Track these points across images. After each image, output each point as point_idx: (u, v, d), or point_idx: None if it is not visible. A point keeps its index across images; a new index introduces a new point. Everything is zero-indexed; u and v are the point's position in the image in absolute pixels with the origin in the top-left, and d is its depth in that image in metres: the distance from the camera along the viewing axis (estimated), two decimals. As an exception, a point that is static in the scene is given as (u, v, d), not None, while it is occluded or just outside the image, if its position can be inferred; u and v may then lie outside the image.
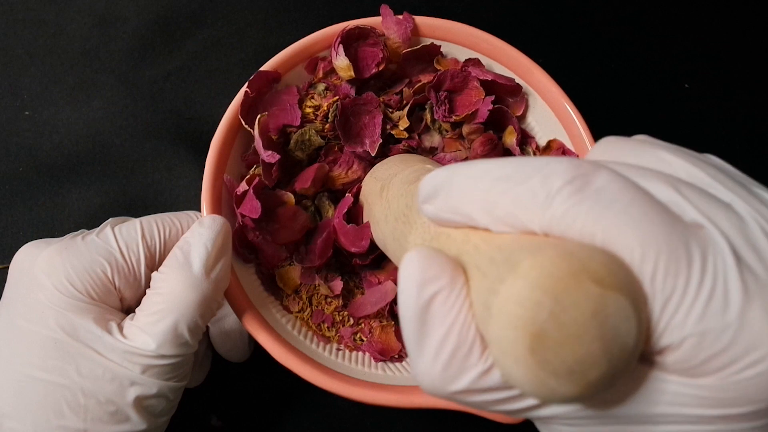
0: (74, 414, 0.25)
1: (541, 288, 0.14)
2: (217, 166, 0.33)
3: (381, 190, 0.31)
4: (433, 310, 0.16)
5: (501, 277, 0.15)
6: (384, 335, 0.34)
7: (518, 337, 0.14)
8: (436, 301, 0.16)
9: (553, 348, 0.14)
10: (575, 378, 0.14)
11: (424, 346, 0.16)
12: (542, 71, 0.35)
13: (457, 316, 0.16)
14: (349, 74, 0.34)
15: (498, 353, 0.15)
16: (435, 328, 0.16)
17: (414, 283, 0.17)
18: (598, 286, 0.14)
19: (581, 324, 0.14)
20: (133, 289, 0.29)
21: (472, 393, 0.16)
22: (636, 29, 0.51)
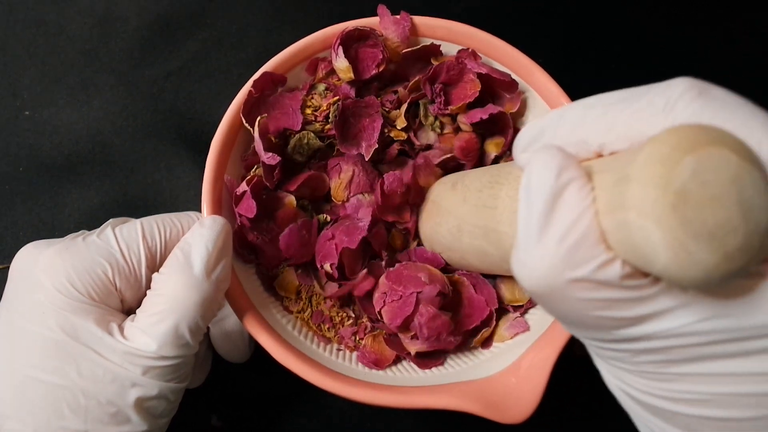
0: (75, 415, 0.25)
1: (682, 149, 0.14)
2: (217, 167, 0.33)
3: (453, 185, 0.32)
4: (567, 196, 0.17)
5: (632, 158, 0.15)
6: (376, 345, 0.34)
7: (660, 195, 0.14)
8: (571, 187, 0.17)
9: (694, 207, 0.14)
10: (715, 243, 0.14)
11: (549, 228, 0.17)
12: (542, 71, 0.35)
13: (590, 204, 0.17)
14: (349, 76, 0.34)
15: (638, 217, 0.15)
16: (567, 211, 0.17)
17: (553, 167, 0.17)
18: (737, 155, 0.14)
19: (722, 186, 0.14)
20: (134, 290, 0.29)
21: (589, 284, 0.16)
22: (636, 29, 0.51)
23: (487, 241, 0.28)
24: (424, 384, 0.32)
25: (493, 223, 0.27)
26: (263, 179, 0.33)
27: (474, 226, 0.29)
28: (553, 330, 0.31)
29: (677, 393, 0.18)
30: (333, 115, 0.34)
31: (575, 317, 0.18)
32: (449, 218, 0.31)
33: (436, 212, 0.33)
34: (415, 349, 0.32)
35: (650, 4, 0.51)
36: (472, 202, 0.29)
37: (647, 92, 0.17)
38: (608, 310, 0.17)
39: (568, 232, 0.16)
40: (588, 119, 0.18)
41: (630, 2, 0.51)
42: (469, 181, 0.30)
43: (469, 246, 0.30)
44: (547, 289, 0.17)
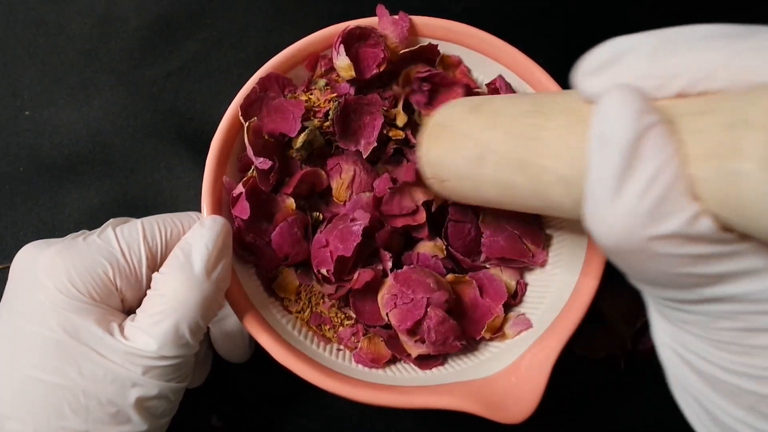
0: (75, 415, 0.25)
1: None
2: (217, 167, 0.33)
3: (473, 109, 0.29)
4: (649, 142, 0.15)
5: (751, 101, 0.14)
6: (372, 346, 0.34)
7: None
8: (653, 132, 0.15)
9: None
10: None
11: (629, 180, 0.15)
12: (542, 71, 0.35)
13: (675, 152, 0.15)
14: (350, 74, 0.34)
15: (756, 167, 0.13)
16: (649, 159, 0.15)
17: (632, 110, 0.15)
18: None
19: None
20: (135, 289, 0.29)
21: (675, 239, 0.15)
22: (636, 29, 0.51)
23: (522, 174, 0.25)
24: (424, 384, 0.32)
25: (534, 156, 0.24)
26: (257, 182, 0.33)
27: (503, 157, 0.26)
28: (554, 329, 0.31)
29: (752, 368, 0.16)
30: (334, 111, 0.34)
31: (656, 275, 0.16)
32: (468, 144, 0.28)
33: (446, 137, 0.30)
34: (417, 353, 0.32)
35: (650, 4, 0.51)
36: (505, 128, 0.26)
37: (756, 32, 0.15)
38: (694, 266, 0.15)
39: (650, 183, 0.15)
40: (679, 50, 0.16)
41: (630, 2, 0.51)
42: (499, 106, 0.27)
43: (491, 177, 0.27)
44: (628, 245, 0.16)
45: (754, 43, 0.15)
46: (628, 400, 0.41)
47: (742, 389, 0.16)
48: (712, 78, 0.16)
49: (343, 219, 0.34)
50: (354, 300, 0.34)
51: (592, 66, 0.18)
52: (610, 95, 0.16)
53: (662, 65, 0.16)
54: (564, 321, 0.31)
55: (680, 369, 0.18)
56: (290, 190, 0.34)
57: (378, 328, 0.34)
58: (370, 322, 0.34)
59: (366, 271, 0.33)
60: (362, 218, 0.33)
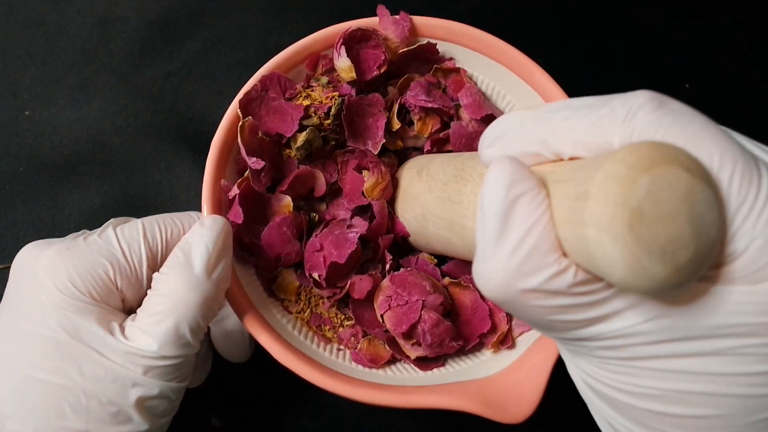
0: (76, 415, 0.25)
1: (639, 168, 0.15)
2: (217, 167, 0.33)
3: (418, 172, 0.33)
4: (518, 208, 0.17)
5: (591, 172, 0.16)
6: (372, 348, 0.34)
7: (617, 213, 0.15)
8: (523, 200, 0.17)
9: (649, 225, 0.15)
10: (666, 258, 0.15)
11: (503, 240, 0.17)
12: (542, 71, 0.35)
13: (541, 216, 0.17)
14: (351, 75, 0.34)
15: (596, 232, 0.15)
16: (518, 223, 0.17)
17: (504, 181, 0.18)
18: (689, 173, 0.15)
19: (675, 204, 0.15)
20: (135, 289, 0.29)
21: (542, 294, 0.17)
22: (636, 29, 0.51)
23: (452, 233, 0.29)
24: (424, 384, 0.32)
25: (458, 218, 0.28)
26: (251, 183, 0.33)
27: (439, 218, 0.30)
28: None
29: (632, 386, 0.18)
30: (336, 108, 0.34)
31: (533, 321, 0.19)
32: (415, 205, 0.32)
33: (403, 197, 0.34)
34: (416, 355, 0.32)
35: (650, 4, 0.51)
36: (437, 193, 0.30)
37: (610, 101, 0.18)
38: (561, 314, 0.17)
39: (519, 244, 0.17)
40: (551, 122, 0.19)
41: (630, 2, 0.51)
42: (435, 171, 0.31)
43: (434, 234, 0.31)
44: (504, 298, 0.18)
45: (601, 113, 0.18)
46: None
47: (630, 405, 0.19)
48: (575, 145, 0.18)
49: (340, 225, 0.34)
50: (354, 307, 0.34)
51: (486, 141, 0.21)
52: (490, 167, 0.18)
53: (538, 136, 0.19)
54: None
55: (587, 393, 0.21)
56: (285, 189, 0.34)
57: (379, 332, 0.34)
58: (370, 328, 0.34)
59: (364, 278, 0.33)
60: (360, 226, 0.33)
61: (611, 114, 0.17)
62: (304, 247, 0.34)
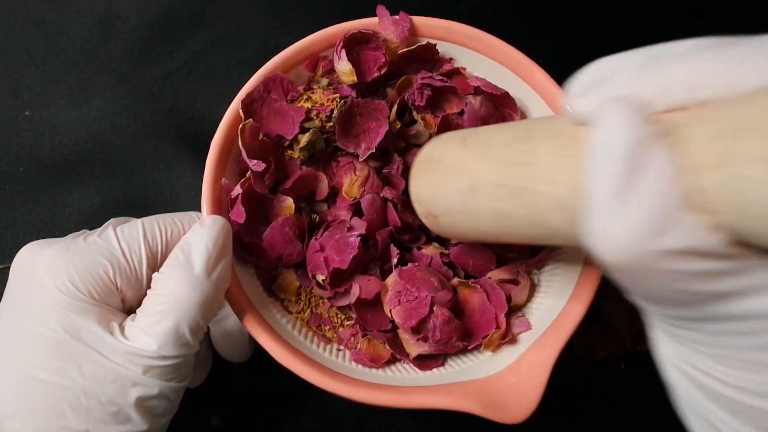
0: (76, 415, 0.25)
1: None
2: (217, 167, 0.33)
3: (463, 140, 0.28)
4: (650, 153, 0.14)
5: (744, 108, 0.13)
6: (371, 347, 0.34)
7: None
8: (656, 145, 0.14)
9: None
10: None
11: (631, 193, 0.14)
12: (542, 71, 0.35)
13: (676, 163, 0.14)
14: (352, 79, 0.34)
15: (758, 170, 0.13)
16: (653, 173, 0.14)
17: (630, 121, 0.15)
18: None
19: None
20: (135, 289, 0.29)
21: (680, 255, 0.14)
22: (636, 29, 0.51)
23: (517, 201, 0.24)
24: (424, 384, 0.32)
25: (528, 182, 0.24)
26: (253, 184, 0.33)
27: (496, 186, 0.25)
28: (553, 330, 0.31)
29: (759, 384, 0.15)
30: (338, 110, 0.34)
31: (660, 292, 0.16)
32: (459, 176, 0.27)
33: (437, 170, 0.29)
34: (418, 352, 0.32)
35: (650, 3, 0.51)
36: (495, 158, 0.25)
37: (744, 41, 0.15)
38: (702, 282, 0.15)
39: (653, 196, 0.14)
40: (669, 64, 0.16)
41: (630, 2, 0.51)
42: (486, 137, 0.27)
43: (485, 209, 0.26)
44: (630, 261, 0.15)
45: (740, 50, 0.15)
46: (628, 400, 0.41)
47: (749, 406, 0.16)
48: (703, 89, 0.15)
49: (340, 228, 0.34)
50: (358, 307, 0.34)
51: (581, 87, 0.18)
52: (608, 108, 0.16)
53: (652, 81, 0.16)
54: (563, 321, 0.31)
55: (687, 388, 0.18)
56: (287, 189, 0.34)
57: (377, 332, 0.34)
58: (370, 328, 0.34)
59: (372, 280, 0.33)
60: (359, 227, 0.33)
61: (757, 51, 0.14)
62: (305, 247, 0.34)
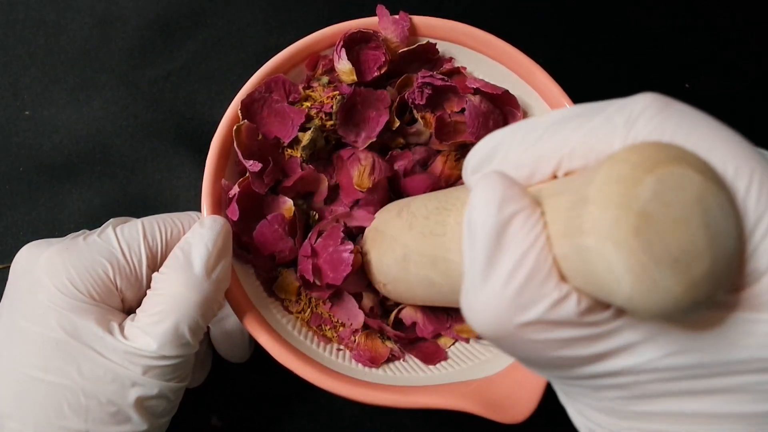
0: (75, 415, 0.25)
1: (643, 168, 0.13)
2: (217, 167, 0.33)
3: (398, 212, 0.31)
4: (512, 231, 0.15)
5: (588, 180, 0.14)
6: (370, 342, 0.34)
7: (621, 216, 0.13)
8: (516, 220, 0.15)
9: (657, 230, 0.13)
10: (680, 269, 0.13)
11: (496, 267, 0.15)
12: (542, 71, 0.35)
13: (537, 237, 0.15)
14: (352, 78, 0.34)
15: (597, 241, 0.14)
16: (512, 247, 0.15)
17: (494, 200, 0.15)
18: (701, 174, 0.13)
19: (686, 207, 0.13)
20: (135, 289, 0.29)
21: (543, 326, 0.15)
22: (636, 29, 0.51)
23: (436, 270, 0.27)
24: (424, 384, 0.32)
25: (442, 251, 0.25)
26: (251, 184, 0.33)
27: (421, 255, 0.27)
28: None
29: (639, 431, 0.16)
30: (337, 106, 0.33)
31: (533, 359, 0.16)
32: (395, 246, 0.30)
33: (380, 240, 0.32)
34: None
35: (650, 3, 0.51)
36: (419, 228, 0.28)
37: (606, 107, 0.16)
38: (566, 349, 0.15)
39: (514, 271, 0.15)
40: (543, 137, 0.17)
41: (630, 2, 0.51)
42: (415, 208, 0.29)
43: (415, 276, 0.28)
44: (499, 333, 0.16)
45: (595, 122, 0.16)
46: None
47: None
48: (567, 160, 0.16)
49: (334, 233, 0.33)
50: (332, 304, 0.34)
51: (471, 165, 0.19)
52: (477, 186, 0.16)
53: (527, 155, 0.17)
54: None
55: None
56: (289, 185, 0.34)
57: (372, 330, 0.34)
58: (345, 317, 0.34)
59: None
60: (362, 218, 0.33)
61: (608, 122, 0.15)
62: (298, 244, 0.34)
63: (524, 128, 0.17)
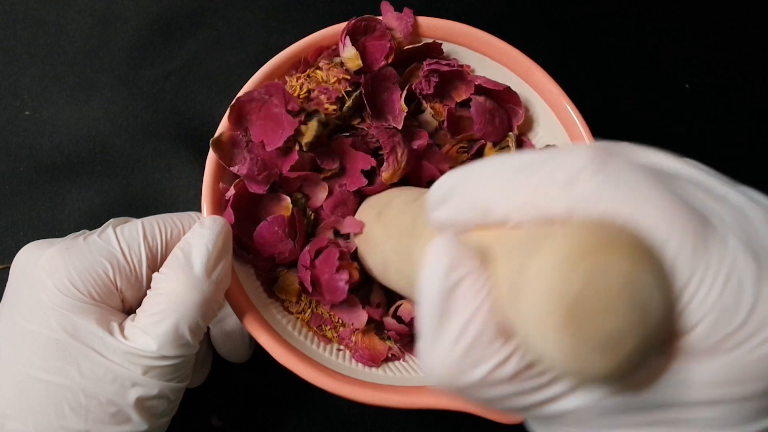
0: (75, 415, 0.25)
1: (572, 260, 0.14)
2: (217, 167, 0.33)
3: (378, 215, 0.31)
4: (458, 295, 0.16)
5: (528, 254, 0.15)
6: (367, 340, 0.33)
7: (552, 310, 0.14)
8: (462, 286, 0.16)
9: (587, 319, 0.14)
10: (609, 351, 0.14)
11: (443, 332, 0.16)
12: (542, 71, 0.35)
13: (482, 302, 0.16)
14: (357, 64, 0.33)
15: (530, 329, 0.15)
16: (458, 313, 0.16)
17: (441, 267, 0.16)
18: (628, 259, 0.14)
19: (614, 295, 0.14)
20: (135, 289, 0.29)
21: (486, 385, 0.16)
22: (636, 29, 0.51)
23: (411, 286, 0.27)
24: (424, 384, 0.32)
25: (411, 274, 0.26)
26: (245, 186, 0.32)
27: (397, 270, 0.29)
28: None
29: None
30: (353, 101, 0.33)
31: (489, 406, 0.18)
32: (376, 251, 0.31)
33: (365, 241, 0.33)
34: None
35: (650, 3, 0.51)
36: (393, 245, 0.28)
37: (552, 159, 0.17)
38: (514, 400, 0.16)
39: (461, 333, 0.16)
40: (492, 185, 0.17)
41: (630, 2, 0.51)
42: (392, 217, 0.30)
43: (396, 284, 0.30)
44: (451, 388, 0.17)
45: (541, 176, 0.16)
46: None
47: None
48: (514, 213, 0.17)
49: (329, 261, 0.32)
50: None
51: (433, 200, 0.19)
52: (429, 249, 0.17)
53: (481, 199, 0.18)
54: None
55: None
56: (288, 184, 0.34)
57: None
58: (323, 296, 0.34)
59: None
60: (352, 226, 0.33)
61: (551, 178, 0.16)
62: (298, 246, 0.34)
63: (482, 170, 0.18)
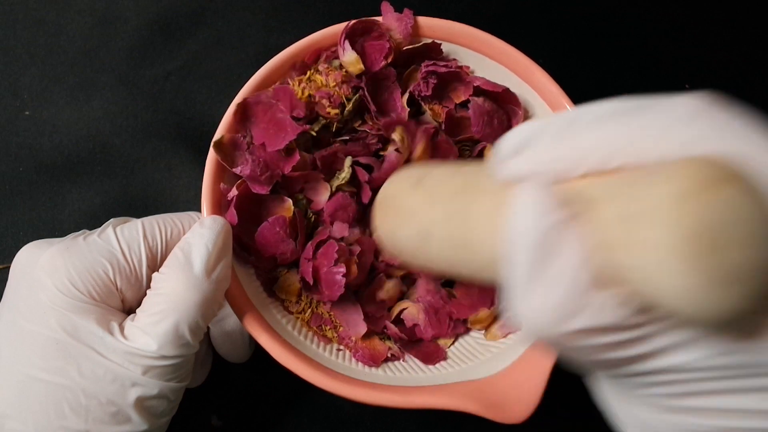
0: (75, 415, 0.25)
1: (704, 186, 0.13)
2: (217, 167, 0.33)
3: (415, 184, 0.28)
4: (557, 240, 0.15)
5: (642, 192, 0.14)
6: (367, 340, 0.34)
7: (676, 238, 0.13)
8: (560, 229, 0.15)
9: (714, 250, 0.13)
10: (736, 286, 0.13)
11: (540, 278, 0.15)
12: (542, 71, 0.35)
13: (581, 247, 0.15)
14: (358, 68, 0.34)
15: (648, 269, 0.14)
16: (557, 258, 0.15)
17: (536, 209, 0.16)
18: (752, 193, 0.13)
19: (751, 226, 0.13)
20: (135, 289, 0.29)
21: (588, 333, 0.15)
22: (636, 29, 0.51)
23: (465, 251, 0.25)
24: (424, 384, 0.32)
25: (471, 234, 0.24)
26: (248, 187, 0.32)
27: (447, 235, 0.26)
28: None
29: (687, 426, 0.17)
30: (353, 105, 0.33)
31: (582, 360, 0.17)
32: (413, 222, 0.28)
33: (393, 212, 0.29)
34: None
35: (650, 3, 0.51)
36: (443, 206, 0.26)
37: (653, 106, 0.16)
38: (613, 351, 0.16)
39: (562, 281, 0.15)
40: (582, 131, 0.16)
41: (630, 2, 0.51)
42: (437, 182, 0.27)
43: (437, 255, 0.27)
44: (547, 338, 0.16)
45: (642, 120, 0.16)
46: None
47: None
48: (612, 158, 0.16)
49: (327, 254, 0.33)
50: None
51: (506, 152, 0.18)
52: (519, 194, 0.16)
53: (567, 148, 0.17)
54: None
55: None
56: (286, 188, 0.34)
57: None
58: None
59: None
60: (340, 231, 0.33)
61: (655, 122, 0.15)
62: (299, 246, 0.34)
63: (560, 121, 0.17)
